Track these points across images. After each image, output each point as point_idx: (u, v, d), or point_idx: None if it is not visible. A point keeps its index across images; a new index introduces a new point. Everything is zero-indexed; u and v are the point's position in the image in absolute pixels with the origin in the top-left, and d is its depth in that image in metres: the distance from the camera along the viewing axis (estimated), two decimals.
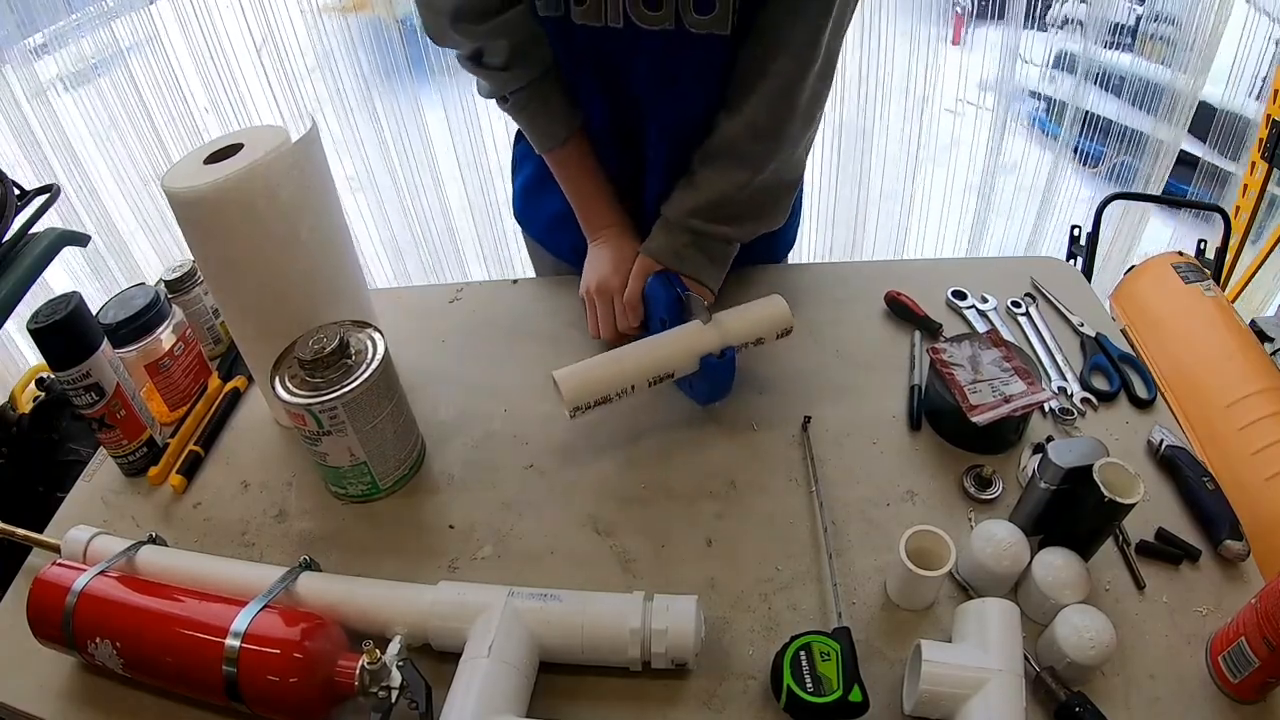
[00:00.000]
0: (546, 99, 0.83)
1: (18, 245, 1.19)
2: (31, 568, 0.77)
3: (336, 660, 0.58)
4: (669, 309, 0.82)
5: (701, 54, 0.77)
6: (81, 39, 1.75)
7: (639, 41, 0.76)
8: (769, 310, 0.81)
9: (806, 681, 0.55)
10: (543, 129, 0.86)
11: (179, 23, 1.73)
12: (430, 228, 2.11)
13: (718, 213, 0.83)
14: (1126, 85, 1.79)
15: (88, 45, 1.75)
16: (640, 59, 0.79)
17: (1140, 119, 1.82)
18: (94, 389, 0.77)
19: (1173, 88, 1.74)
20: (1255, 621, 0.55)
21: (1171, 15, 1.71)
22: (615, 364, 0.77)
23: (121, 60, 1.77)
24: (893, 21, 1.69)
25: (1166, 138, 1.82)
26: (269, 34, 1.75)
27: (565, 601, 0.62)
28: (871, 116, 1.83)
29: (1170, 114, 1.78)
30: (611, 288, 0.87)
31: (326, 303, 0.79)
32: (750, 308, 0.82)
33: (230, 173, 0.69)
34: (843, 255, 2.09)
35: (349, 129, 1.88)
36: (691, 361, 0.78)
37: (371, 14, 1.77)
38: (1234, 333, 1.22)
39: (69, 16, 1.72)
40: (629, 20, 0.75)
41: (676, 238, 0.85)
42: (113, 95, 1.81)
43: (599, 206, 0.90)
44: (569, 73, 0.84)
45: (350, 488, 0.77)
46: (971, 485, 0.74)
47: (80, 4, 1.72)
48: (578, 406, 0.75)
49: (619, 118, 0.86)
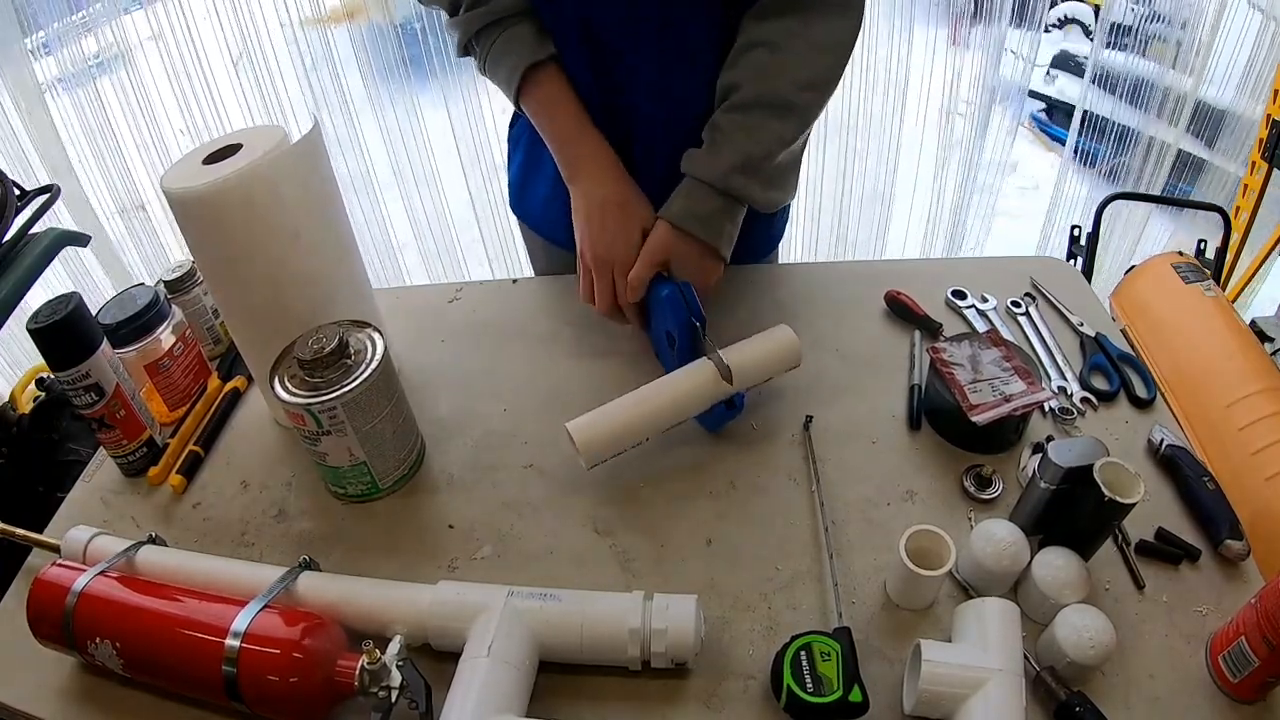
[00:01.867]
0: (513, 36, 0.79)
1: (18, 245, 1.19)
2: (31, 568, 0.77)
3: (336, 660, 0.58)
4: (680, 327, 0.78)
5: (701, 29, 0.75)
6: (87, 36, 1.75)
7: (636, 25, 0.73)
8: (780, 351, 0.79)
9: (807, 681, 0.55)
10: (509, 64, 0.80)
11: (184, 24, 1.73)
12: (430, 228, 2.11)
13: (759, 170, 0.77)
14: (1126, 85, 1.80)
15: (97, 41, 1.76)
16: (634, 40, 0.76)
17: (1140, 119, 1.83)
18: (94, 389, 0.77)
19: (1172, 88, 1.75)
20: (1255, 621, 0.55)
21: (1172, 15, 1.71)
22: (630, 416, 0.74)
23: (117, 65, 1.77)
24: (893, 21, 1.70)
25: (1166, 138, 1.82)
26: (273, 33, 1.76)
27: (565, 601, 0.62)
28: (868, 116, 1.83)
29: (1170, 114, 1.78)
30: (614, 256, 0.80)
31: (328, 303, 0.79)
32: (762, 348, 0.78)
33: (229, 173, 0.68)
34: (840, 255, 2.09)
35: (351, 128, 1.89)
36: (704, 405, 0.77)
37: (368, 20, 1.77)
38: (1234, 333, 1.22)
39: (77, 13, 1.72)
40: None
41: (708, 201, 0.78)
42: (118, 95, 1.82)
43: (576, 133, 0.82)
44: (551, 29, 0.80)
45: (350, 488, 0.77)
46: (971, 485, 0.74)
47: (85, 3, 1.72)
48: (594, 464, 0.74)
49: (611, 109, 0.82)
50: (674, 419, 0.76)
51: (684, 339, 0.78)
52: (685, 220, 0.79)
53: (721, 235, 0.80)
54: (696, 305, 0.78)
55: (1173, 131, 1.80)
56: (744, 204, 0.80)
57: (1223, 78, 1.75)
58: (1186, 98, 1.75)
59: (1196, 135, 1.85)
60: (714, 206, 0.79)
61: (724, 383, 0.76)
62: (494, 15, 0.79)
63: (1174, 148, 1.83)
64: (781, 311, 0.95)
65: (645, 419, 0.74)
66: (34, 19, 1.69)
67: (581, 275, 0.84)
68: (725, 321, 0.91)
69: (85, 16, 1.72)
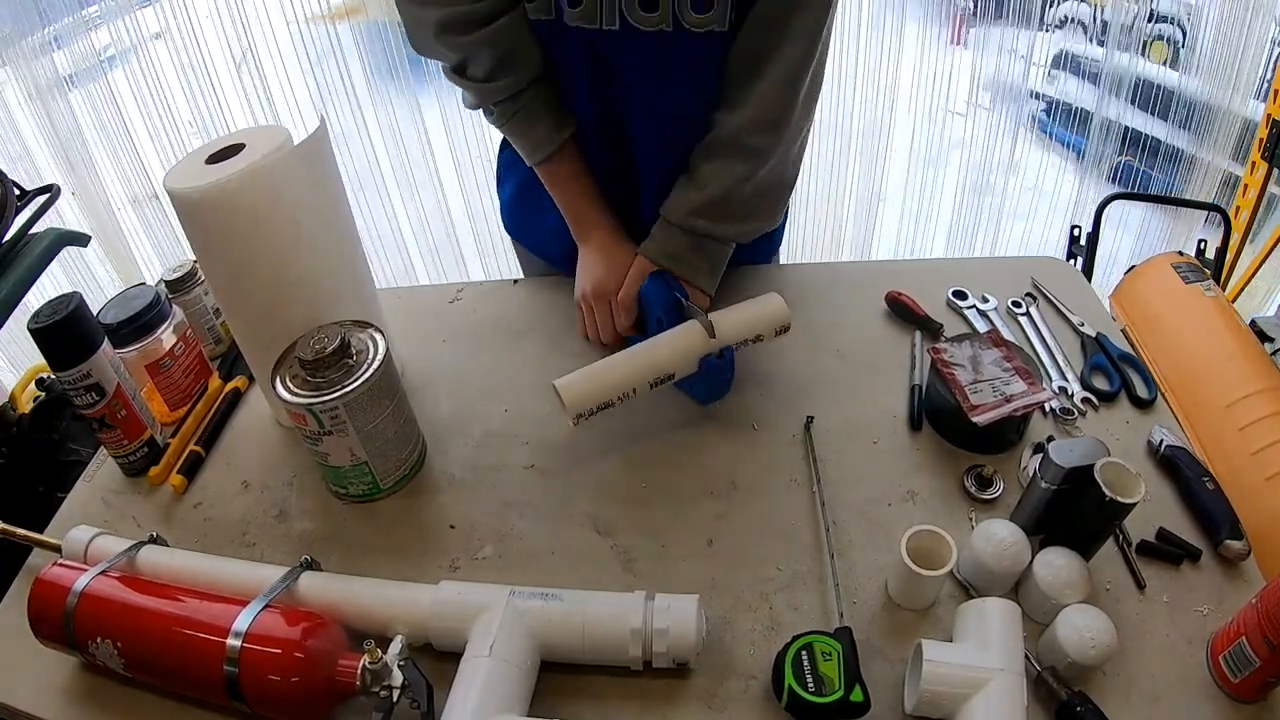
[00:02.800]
0: (533, 110, 0.82)
1: (18, 245, 1.19)
2: (32, 568, 0.77)
3: (338, 660, 0.58)
4: (666, 309, 0.81)
5: (698, 51, 0.76)
6: (98, 29, 1.75)
7: (634, 42, 0.75)
8: (766, 307, 0.81)
9: (808, 681, 0.55)
10: (531, 140, 0.84)
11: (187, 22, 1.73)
12: (431, 227, 2.11)
13: (720, 211, 0.82)
14: (1127, 86, 1.80)
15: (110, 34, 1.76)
16: (634, 59, 0.78)
17: (1142, 120, 1.83)
18: (94, 389, 0.77)
19: (1175, 88, 1.75)
20: (1256, 621, 0.55)
21: (1173, 15, 1.71)
22: (615, 368, 0.77)
23: (128, 58, 1.77)
24: (894, 21, 1.69)
25: (1166, 137, 1.82)
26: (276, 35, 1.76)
27: (566, 601, 0.62)
28: (871, 116, 1.83)
29: (1171, 114, 1.78)
30: (607, 290, 0.86)
31: (331, 304, 0.79)
32: (747, 305, 0.82)
33: (232, 173, 0.68)
34: (839, 255, 2.09)
35: (352, 127, 1.88)
36: (691, 362, 0.78)
37: (367, 18, 1.77)
38: (1234, 333, 1.22)
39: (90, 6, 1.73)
40: (625, 21, 0.74)
41: (676, 239, 0.84)
42: (127, 92, 1.82)
43: (589, 211, 0.89)
44: (559, 73, 0.82)
45: (351, 488, 0.77)
46: (972, 485, 0.74)
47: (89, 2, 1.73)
48: (580, 414, 0.75)
49: (610, 118, 0.85)
50: (661, 372, 0.77)
51: (672, 320, 0.81)
52: (661, 258, 0.84)
53: (698, 270, 0.85)
54: (677, 284, 0.82)
55: (1173, 131, 1.80)
56: (716, 240, 0.84)
57: (1223, 78, 1.75)
58: (1186, 98, 1.75)
59: (1196, 135, 1.85)
60: (685, 244, 0.84)
61: (711, 340, 0.77)
62: (511, 91, 0.80)
63: (1174, 147, 1.83)
64: None
65: (632, 373, 0.76)
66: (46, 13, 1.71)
67: (584, 316, 0.91)
68: None
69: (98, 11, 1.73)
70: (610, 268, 0.87)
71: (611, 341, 0.88)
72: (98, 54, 1.77)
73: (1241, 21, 1.63)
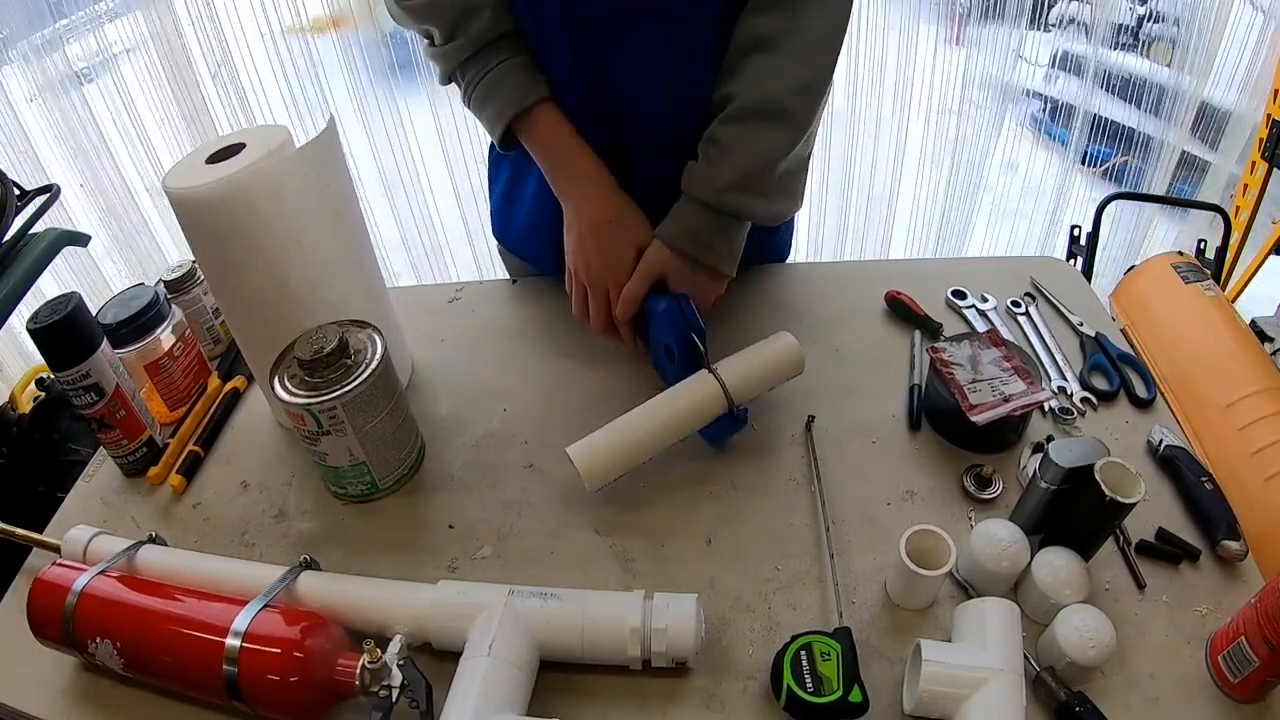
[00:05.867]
0: (501, 73, 0.75)
1: (18, 245, 1.19)
2: (31, 568, 0.77)
3: (337, 659, 0.58)
4: (677, 339, 0.76)
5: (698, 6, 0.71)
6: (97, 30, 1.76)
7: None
8: (782, 360, 0.77)
9: (807, 681, 0.55)
10: (499, 102, 0.76)
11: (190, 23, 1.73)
12: (431, 228, 2.11)
13: (758, 184, 0.73)
14: (1127, 85, 1.80)
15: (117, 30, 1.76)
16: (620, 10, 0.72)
17: (1141, 119, 1.83)
18: (94, 389, 0.77)
19: (1174, 88, 1.75)
20: (1255, 621, 0.55)
21: (1172, 15, 1.71)
22: (631, 437, 0.72)
23: (122, 61, 1.77)
24: (892, 20, 1.69)
25: (1168, 138, 1.82)
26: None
27: (565, 600, 0.62)
28: (868, 116, 1.83)
29: (1172, 114, 1.78)
30: (608, 279, 0.78)
31: (336, 306, 0.78)
32: (764, 359, 0.77)
33: (230, 174, 0.68)
34: (840, 255, 2.09)
35: (355, 126, 1.89)
36: (705, 420, 0.76)
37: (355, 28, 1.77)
38: (1234, 333, 1.22)
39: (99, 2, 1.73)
40: None
41: (702, 219, 0.75)
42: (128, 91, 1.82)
43: (569, 151, 0.79)
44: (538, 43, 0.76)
45: (350, 487, 0.77)
46: (971, 485, 0.74)
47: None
48: (599, 487, 0.73)
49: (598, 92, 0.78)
50: (676, 436, 0.75)
51: (683, 352, 0.77)
52: (681, 240, 0.76)
53: (721, 255, 0.77)
54: (695, 318, 0.76)
55: (1173, 131, 1.80)
56: (745, 220, 0.77)
57: (1222, 78, 1.75)
58: (1186, 97, 1.74)
59: (1196, 134, 1.85)
60: (712, 225, 0.75)
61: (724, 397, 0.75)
62: (473, 47, 0.74)
63: (1174, 147, 1.83)
64: (781, 311, 0.95)
65: (647, 438, 0.73)
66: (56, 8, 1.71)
67: (575, 292, 0.82)
68: (724, 323, 0.91)
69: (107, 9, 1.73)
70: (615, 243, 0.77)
71: (602, 331, 0.82)
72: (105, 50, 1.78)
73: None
